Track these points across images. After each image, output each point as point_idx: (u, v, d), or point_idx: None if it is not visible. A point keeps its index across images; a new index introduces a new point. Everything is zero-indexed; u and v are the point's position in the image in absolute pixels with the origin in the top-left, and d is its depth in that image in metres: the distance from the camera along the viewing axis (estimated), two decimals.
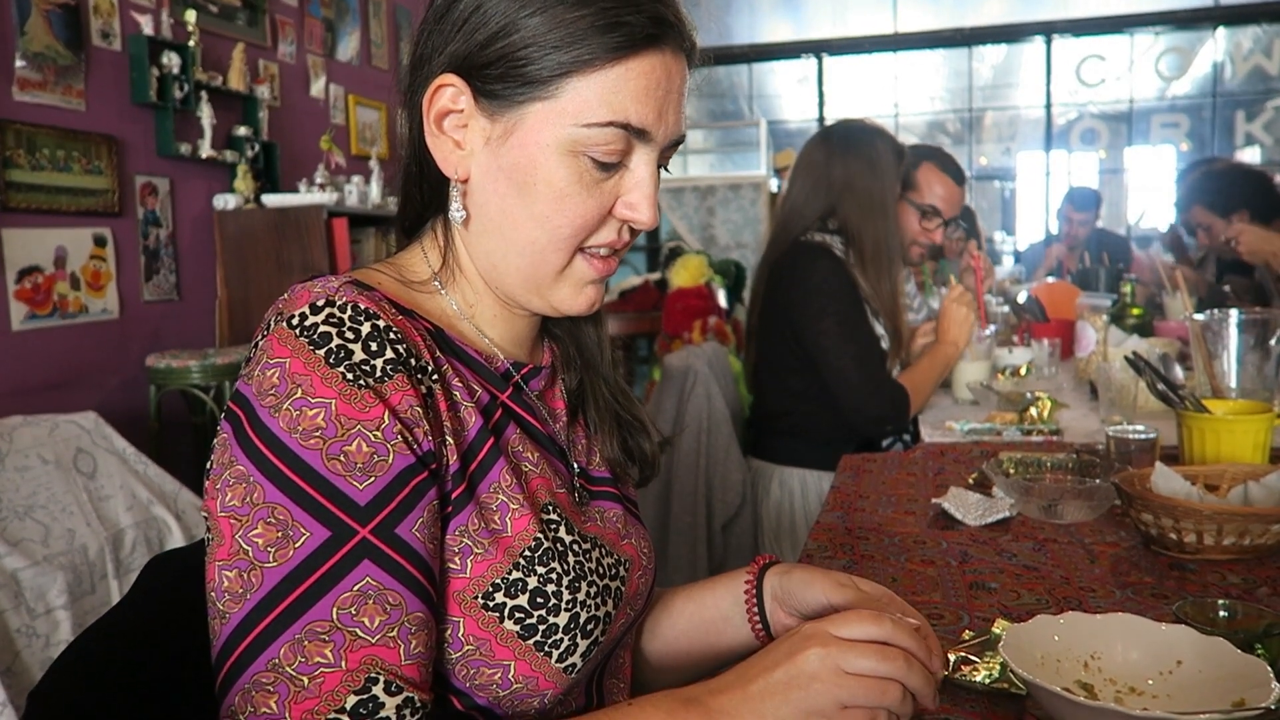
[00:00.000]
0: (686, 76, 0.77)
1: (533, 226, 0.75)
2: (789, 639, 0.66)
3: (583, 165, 0.74)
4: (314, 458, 0.64)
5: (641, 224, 0.78)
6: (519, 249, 0.77)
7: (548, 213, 0.75)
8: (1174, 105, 8.05)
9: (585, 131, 0.72)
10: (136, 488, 2.72)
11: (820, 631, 0.65)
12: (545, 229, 0.75)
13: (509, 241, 0.77)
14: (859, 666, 0.63)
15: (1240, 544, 1.09)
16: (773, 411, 2.35)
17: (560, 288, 0.79)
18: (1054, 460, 1.41)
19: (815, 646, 0.64)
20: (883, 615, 0.66)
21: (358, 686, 0.62)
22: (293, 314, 0.69)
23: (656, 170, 0.78)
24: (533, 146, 0.74)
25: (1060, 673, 0.76)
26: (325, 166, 4.57)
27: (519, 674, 0.72)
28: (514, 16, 0.72)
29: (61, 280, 3.39)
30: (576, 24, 0.71)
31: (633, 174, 0.76)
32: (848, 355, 2.12)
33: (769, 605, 0.91)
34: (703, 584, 0.98)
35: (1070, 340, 2.61)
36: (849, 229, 2.20)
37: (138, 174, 3.73)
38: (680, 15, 0.75)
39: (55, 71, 3.34)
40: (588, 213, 0.75)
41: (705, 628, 0.95)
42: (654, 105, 0.74)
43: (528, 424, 0.81)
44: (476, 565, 0.71)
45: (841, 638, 0.64)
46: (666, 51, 0.74)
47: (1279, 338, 1.65)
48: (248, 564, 0.63)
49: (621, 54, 0.72)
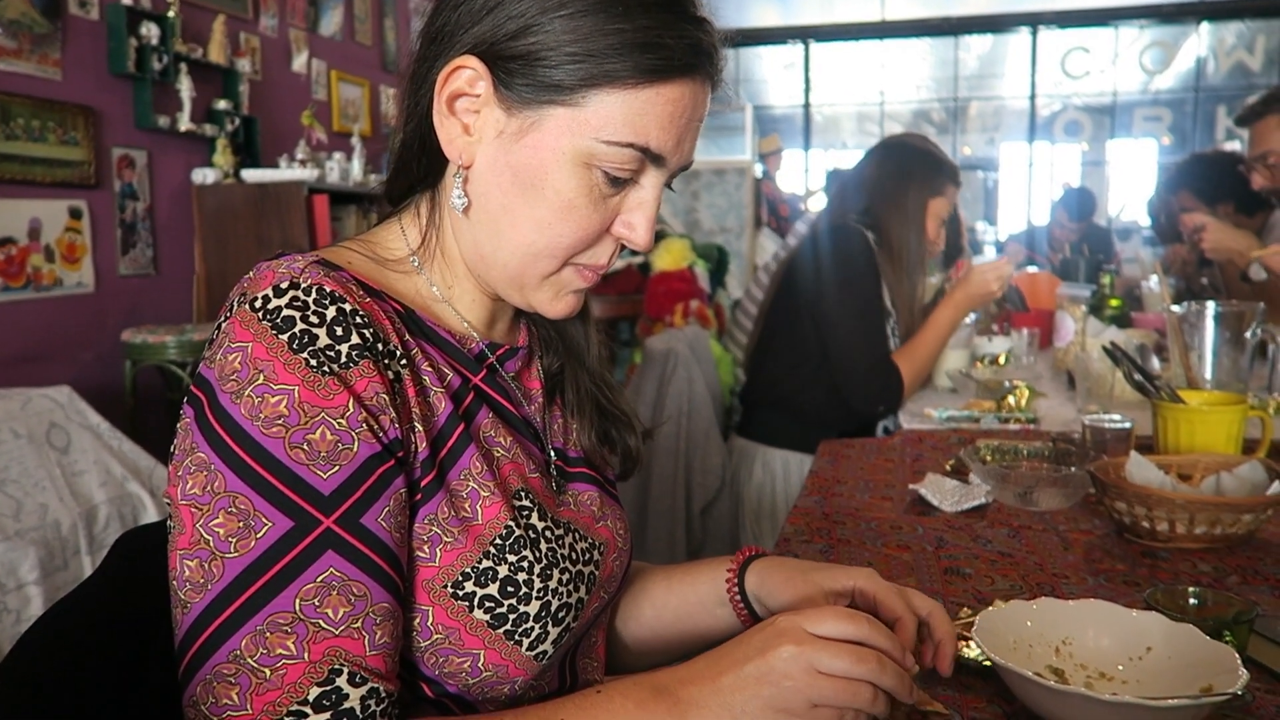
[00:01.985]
0: (708, 107, 0.76)
1: (531, 229, 0.73)
2: (762, 631, 0.65)
3: (594, 178, 0.72)
4: (276, 446, 0.63)
5: (637, 245, 0.76)
6: (512, 248, 0.75)
7: (550, 220, 0.73)
8: (1157, 99, 8.10)
9: (604, 147, 0.71)
10: (110, 463, 2.69)
11: (794, 628, 0.64)
12: (545, 235, 0.73)
13: (503, 239, 0.75)
14: (831, 667, 0.62)
15: (1211, 533, 1.10)
16: (766, 384, 2.37)
17: (542, 291, 0.77)
18: (1030, 448, 1.42)
19: (789, 644, 0.63)
20: (858, 615, 0.65)
21: (321, 678, 0.61)
22: (256, 296, 0.67)
23: (661, 194, 0.76)
24: (547, 150, 0.71)
25: (1032, 658, 0.77)
26: (306, 142, 4.53)
27: (489, 662, 0.71)
28: (551, 15, 0.69)
29: (36, 253, 3.34)
30: (616, 36, 0.68)
31: (639, 194, 0.75)
32: (859, 333, 2.16)
33: (752, 600, 0.90)
34: (683, 572, 0.97)
35: (1049, 330, 2.63)
36: (880, 227, 2.26)
37: (115, 146, 3.68)
38: (717, 46, 0.74)
39: (31, 39, 3.28)
40: (590, 226, 0.74)
41: (686, 617, 0.95)
42: (675, 133, 0.72)
43: (501, 407, 0.80)
44: (446, 554, 0.70)
45: (815, 635, 0.64)
46: (698, 80, 0.72)
47: (1254, 330, 1.66)
48: (209, 554, 0.62)
49: (656, 77, 0.69)
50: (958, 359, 2.26)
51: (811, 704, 0.62)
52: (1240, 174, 2.49)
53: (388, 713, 0.64)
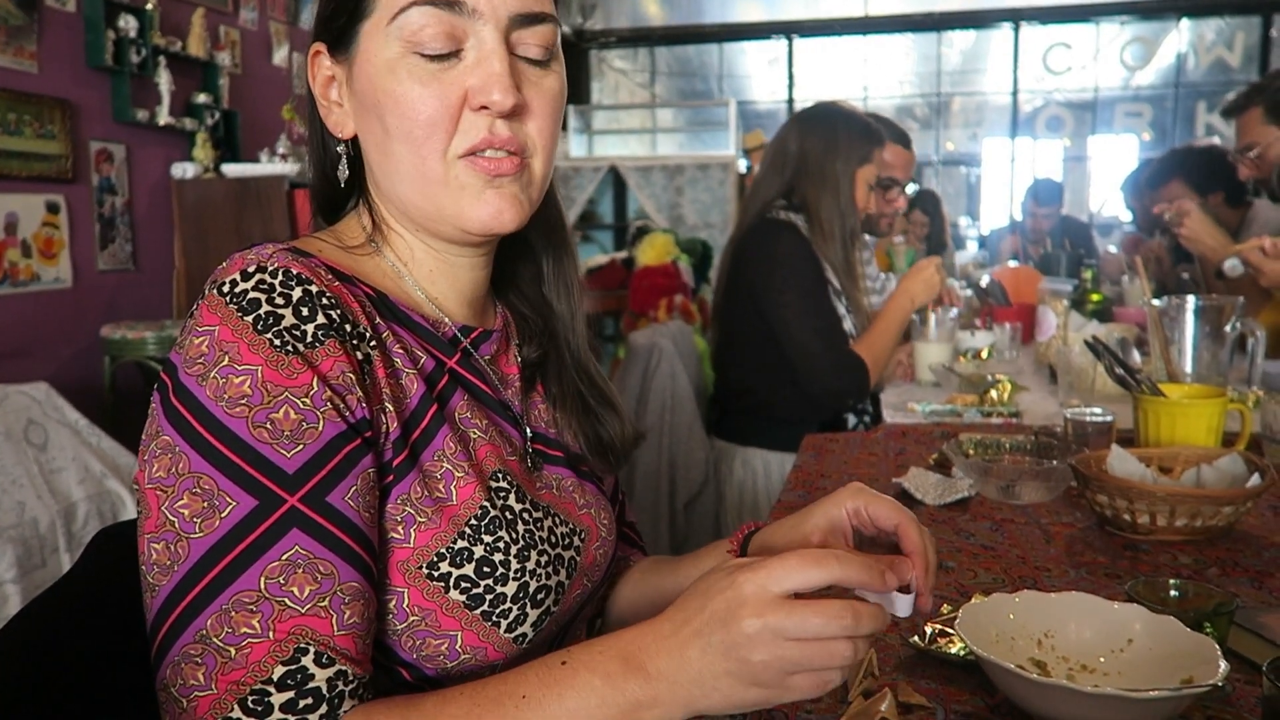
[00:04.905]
0: None
1: (396, 144, 0.74)
2: (724, 592, 0.58)
3: (412, 63, 0.73)
4: (240, 426, 0.63)
5: (495, 104, 0.72)
6: (400, 174, 0.75)
7: (397, 123, 0.73)
8: (1138, 95, 8.15)
9: (399, 26, 0.72)
10: (89, 460, 2.67)
11: (756, 592, 0.57)
12: (404, 141, 0.73)
13: (391, 172, 0.76)
14: (802, 632, 0.56)
15: (1192, 525, 1.11)
16: (735, 389, 2.36)
17: (456, 201, 0.75)
18: (1013, 442, 1.42)
19: (750, 615, 0.56)
20: (824, 556, 0.58)
21: (286, 657, 0.61)
22: (223, 280, 0.67)
23: (502, 49, 0.73)
24: (369, 67, 0.74)
25: (1015, 650, 0.77)
26: (287, 136, 4.49)
27: (466, 644, 0.71)
28: None
29: (12, 247, 3.31)
30: None
31: (470, 57, 0.73)
32: (809, 329, 2.13)
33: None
34: (687, 558, 0.95)
35: (1031, 324, 2.64)
36: (807, 205, 2.22)
37: (93, 140, 3.64)
38: None
39: (6, 32, 3.24)
40: (428, 107, 0.72)
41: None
42: None
43: (477, 389, 0.80)
44: (420, 534, 0.70)
45: (780, 596, 0.57)
46: None
47: (1233, 324, 1.67)
48: (174, 535, 0.62)
49: None
50: (940, 353, 2.27)
51: (786, 674, 0.57)
52: (1232, 166, 2.51)
53: (356, 693, 0.63)
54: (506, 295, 0.91)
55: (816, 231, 2.21)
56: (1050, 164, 8.36)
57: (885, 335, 2.18)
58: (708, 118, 8.02)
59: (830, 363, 2.12)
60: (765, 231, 2.21)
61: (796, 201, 2.24)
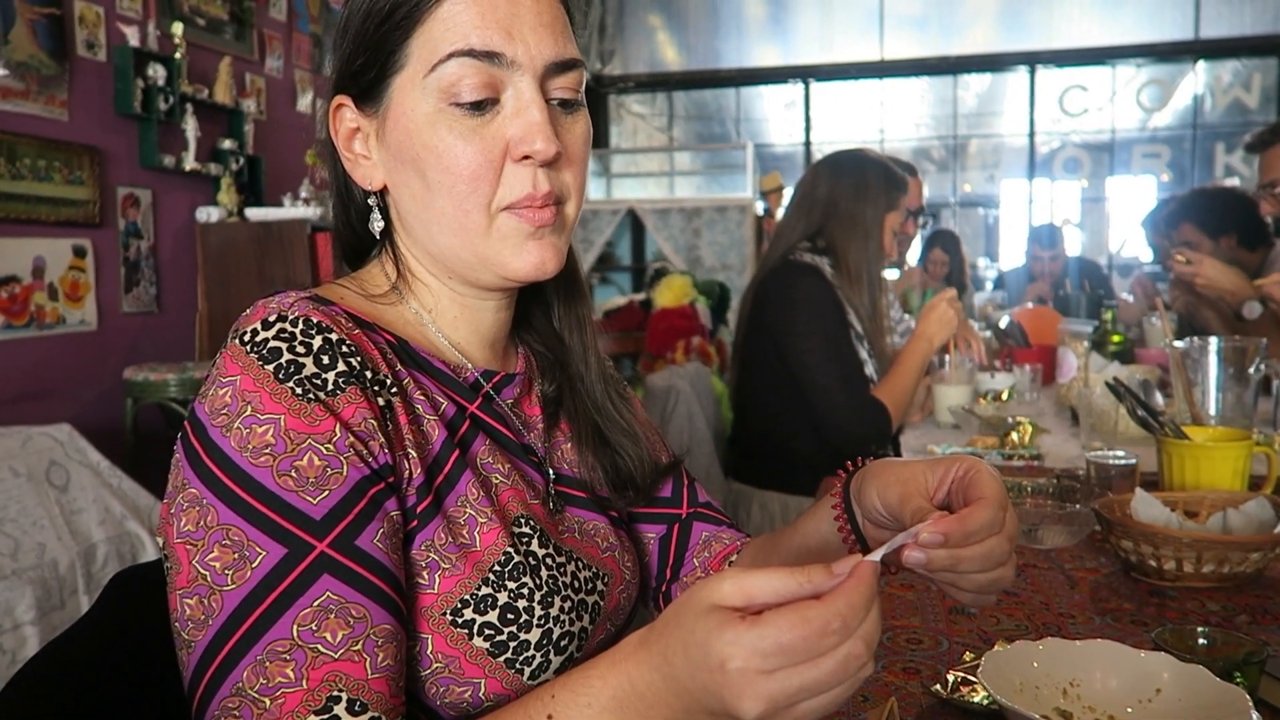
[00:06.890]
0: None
1: (437, 198, 0.74)
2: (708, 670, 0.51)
3: (451, 116, 0.73)
4: (265, 475, 0.63)
5: (538, 154, 0.72)
6: (439, 226, 0.76)
7: (440, 177, 0.73)
8: (1155, 136, 8.15)
9: (437, 77, 0.72)
10: (110, 501, 2.68)
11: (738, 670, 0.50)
12: (447, 196, 0.74)
13: (429, 223, 0.76)
14: (795, 687, 0.50)
15: (1219, 571, 1.09)
16: (753, 432, 2.35)
17: (499, 252, 0.75)
18: (1034, 485, 1.41)
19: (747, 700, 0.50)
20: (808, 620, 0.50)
21: (318, 706, 0.60)
22: (245, 330, 0.68)
23: (540, 98, 0.73)
24: (405, 119, 0.74)
25: (1039, 699, 0.75)
26: (310, 181, 4.56)
27: (490, 692, 0.70)
28: (356, 7, 0.75)
29: (39, 290, 3.35)
30: None
31: (510, 107, 0.73)
32: (833, 374, 2.12)
33: (859, 519, 0.80)
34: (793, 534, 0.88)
35: (1051, 366, 2.62)
36: (835, 249, 2.22)
37: (120, 185, 3.70)
38: None
39: (38, 81, 3.32)
40: (472, 162, 0.73)
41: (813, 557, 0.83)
42: (498, 26, 0.72)
43: (499, 434, 0.80)
44: (445, 580, 0.70)
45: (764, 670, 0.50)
46: None
47: (1257, 366, 1.66)
48: (207, 589, 0.62)
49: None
50: (960, 395, 2.25)
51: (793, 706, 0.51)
52: (1243, 207, 2.50)
53: None
54: (520, 333, 0.92)
55: (843, 276, 2.22)
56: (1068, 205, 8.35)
57: (905, 379, 2.17)
58: (725, 161, 8.08)
59: (852, 407, 2.11)
60: (788, 274, 2.21)
61: (822, 245, 2.25)
